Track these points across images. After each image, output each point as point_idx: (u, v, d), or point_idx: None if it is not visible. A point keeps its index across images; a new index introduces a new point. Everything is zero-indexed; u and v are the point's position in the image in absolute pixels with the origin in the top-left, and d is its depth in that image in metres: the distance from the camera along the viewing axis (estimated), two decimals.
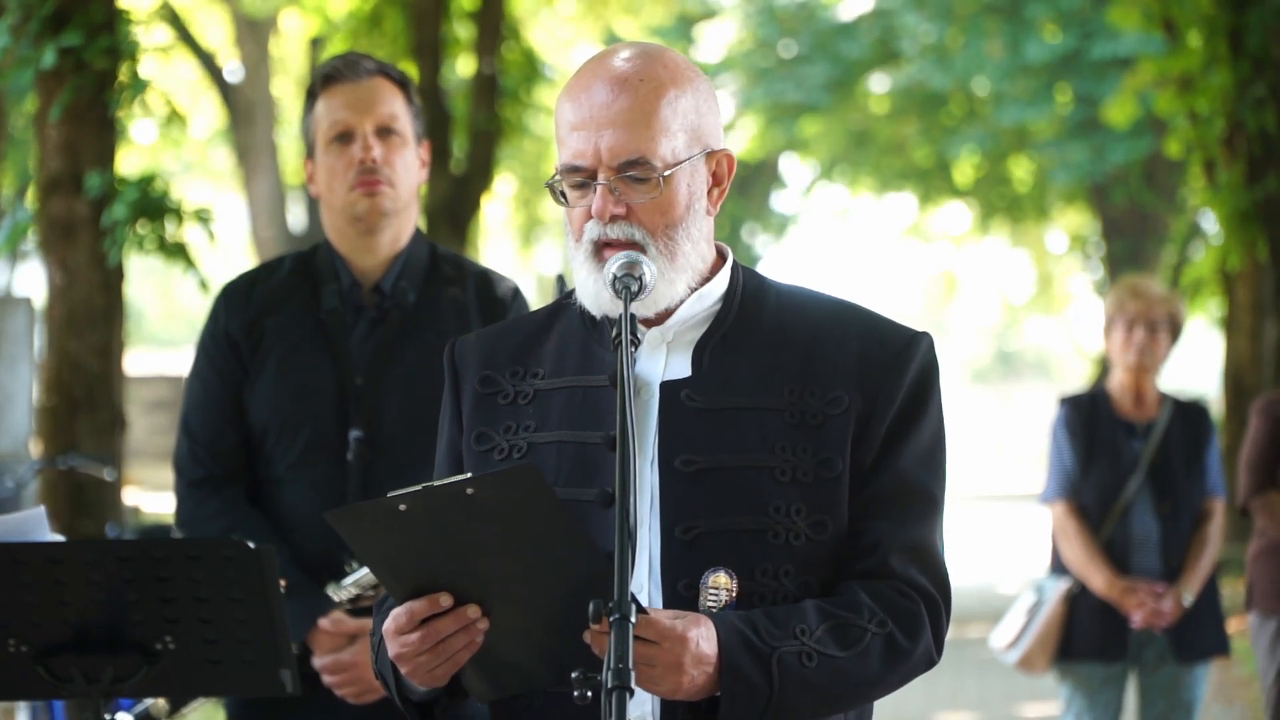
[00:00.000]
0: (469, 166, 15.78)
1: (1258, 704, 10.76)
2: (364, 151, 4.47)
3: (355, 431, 4.44)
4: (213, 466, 4.52)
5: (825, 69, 27.58)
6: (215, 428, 4.53)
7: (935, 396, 3.04)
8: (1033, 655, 6.86)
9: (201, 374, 4.58)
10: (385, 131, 4.50)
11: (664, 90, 2.97)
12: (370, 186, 4.48)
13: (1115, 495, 6.80)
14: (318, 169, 4.55)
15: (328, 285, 4.55)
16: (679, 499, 2.94)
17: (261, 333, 4.54)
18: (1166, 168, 25.51)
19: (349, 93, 4.50)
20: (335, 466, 4.44)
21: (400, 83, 4.55)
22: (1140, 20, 15.95)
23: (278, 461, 4.50)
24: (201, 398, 4.56)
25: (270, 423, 4.50)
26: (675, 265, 2.98)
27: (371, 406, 4.46)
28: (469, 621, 2.81)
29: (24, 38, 8.55)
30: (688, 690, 2.80)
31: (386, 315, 4.53)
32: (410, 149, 4.54)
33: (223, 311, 4.59)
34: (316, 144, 4.54)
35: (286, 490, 4.49)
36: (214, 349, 4.57)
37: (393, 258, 4.56)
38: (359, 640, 4.38)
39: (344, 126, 4.49)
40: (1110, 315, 6.90)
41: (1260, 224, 14.37)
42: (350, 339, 4.52)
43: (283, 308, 4.56)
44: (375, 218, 4.50)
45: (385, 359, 4.48)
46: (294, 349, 4.52)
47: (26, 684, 3.70)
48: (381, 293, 4.54)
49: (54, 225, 8.74)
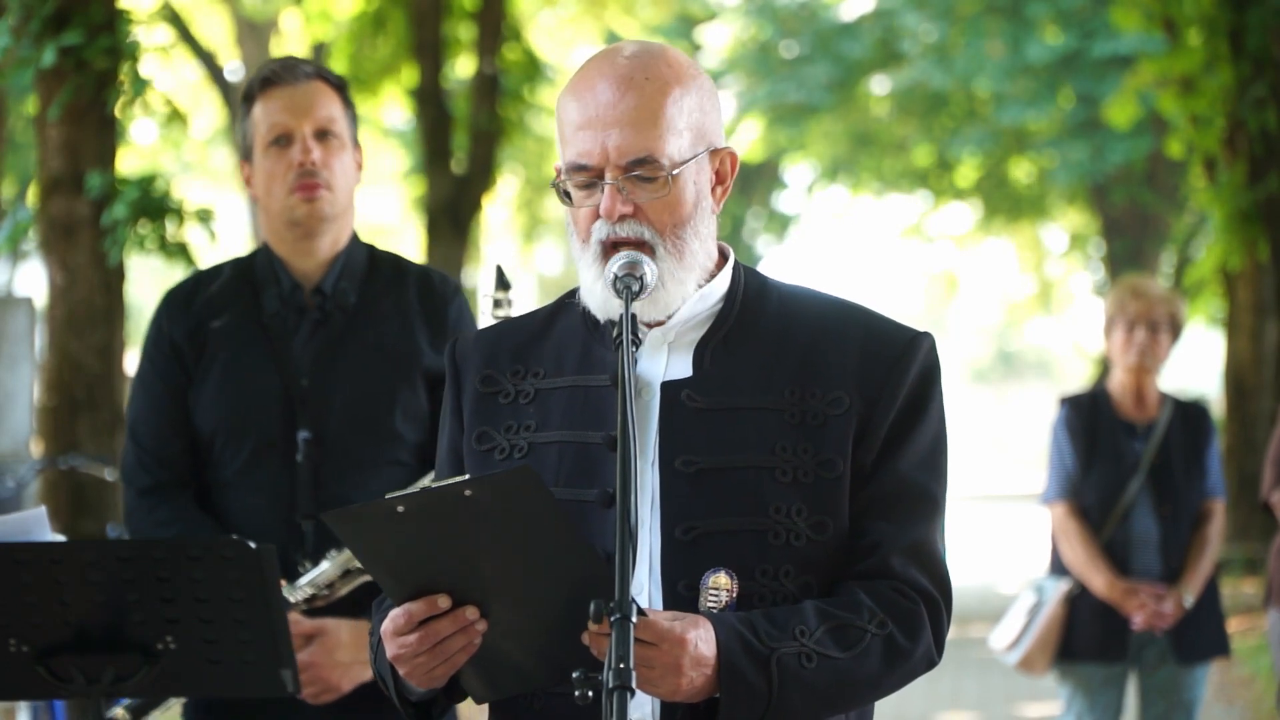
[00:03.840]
0: (470, 166, 15.79)
1: (1259, 704, 10.77)
2: (303, 154, 4.47)
3: (303, 432, 4.44)
4: (160, 474, 4.51)
5: (826, 69, 27.57)
6: (162, 435, 4.53)
7: (936, 397, 3.03)
8: (1033, 656, 6.86)
9: (146, 381, 4.57)
10: (323, 134, 4.49)
11: (669, 88, 2.96)
12: (309, 191, 4.48)
13: (1116, 496, 6.80)
14: (255, 172, 4.54)
15: (268, 289, 4.55)
16: (679, 499, 2.94)
17: (204, 338, 4.54)
18: (1167, 168, 25.50)
19: (287, 96, 4.50)
20: (284, 468, 4.45)
21: (337, 86, 4.56)
22: (1141, 20, 15.96)
23: (226, 465, 4.50)
24: (147, 405, 4.56)
25: (217, 427, 4.50)
26: (684, 264, 2.97)
27: (318, 407, 4.46)
28: (467, 623, 2.81)
29: (24, 37, 8.54)
30: (686, 692, 2.80)
31: (329, 317, 4.53)
32: (348, 152, 4.54)
33: (165, 318, 4.58)
34: (255, 147, 4.54)
35: (236, 493, 4.49)
36: (157, 356, 4.57)
37: (332, 259, 4.56)
38: (316, 640, 4.37)
39: (282, 129, 4.49)
40: (1111, 315, 6.90)
41: (1261, 224, 14.38)
42: (293, 341, 4.52)
43: (224, 312, 4.56)
44: (314, 222, 4.50)
45: (329, 360, 4.49)
46: (238, 353, 4.52)
47: (27, 684, 3.71)
48: (323, 294, 4.54)
49: (55, 225, 8.74)
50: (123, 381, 9.00)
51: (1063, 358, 51.82)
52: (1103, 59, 24.53)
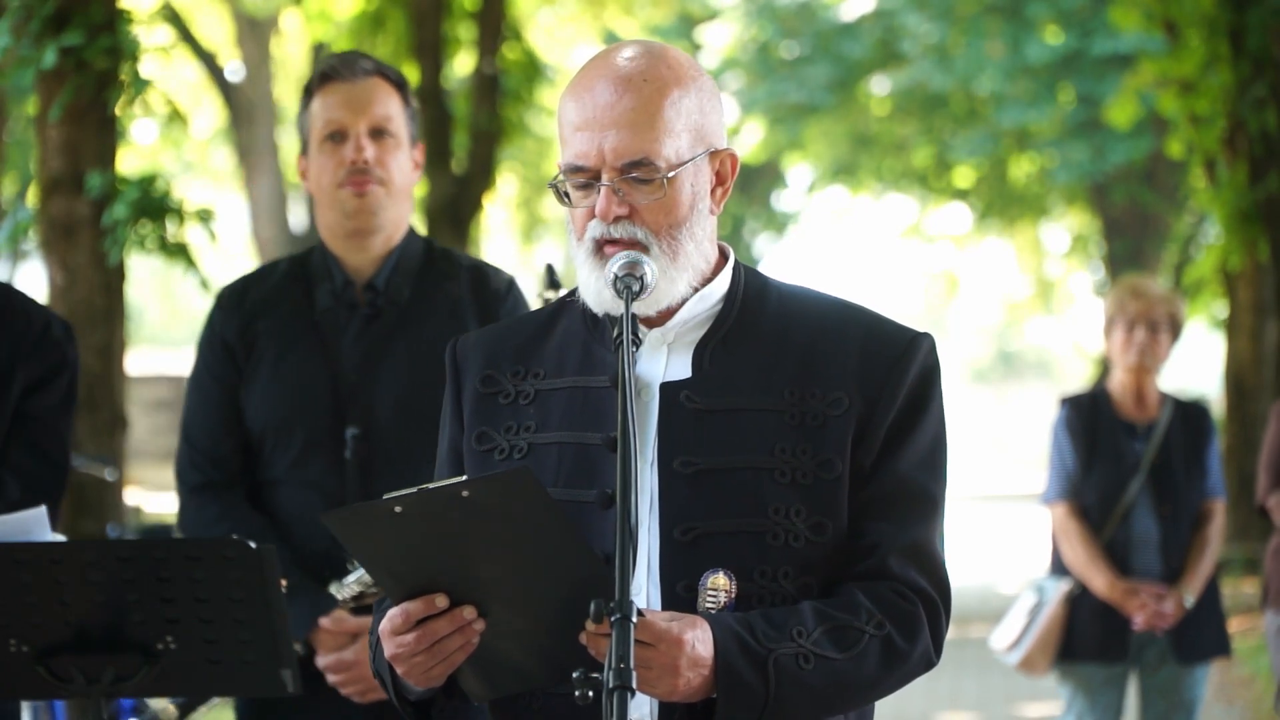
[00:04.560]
0: (470, 166, 15.78)
1: (1259, 704, 10.77)
2: (356, 152, 4.48)
3: (352, 429, 4.44)
4: (211, 472, 4.53)
5: (827, 70, 27.57)
6: (213, 434, 4.54)
7: (936, 398, 3.03)
8: (1034, 656, 6.86)
9: (199, 380, 4.59)
10: (379, 132, 4.50)
11: (668, 90, 2.96)
12: (360, 186, 4.48)
13: (1116, 496, 6.80)
14: (310, 166, 4.56)
15: (321, 285, 4.56)
16: (678, 500, 2.94)
17: (255, 336, 4.55)
18: (1167, 167, 25.50)
19: (345, 92, 4.50)
20: (333, 465, 4.45)
21: (397, 84, 4.55)
22: (1141, 20, 15.95)
23: (276, 463, 4.51)
24: (199, 404, 4.57)
25: (267, 425, 4.50)
26: (677, 265, 2.97)
27: (366, 404, 4.46)
28: (465, 622, 2.81)
29: (24, 37, 8.54)
30: (684, 692, 2.80)
31: (380, 313, 4.53)
32: (404, 150, 4.54)
33: (218, 317, 4.60)
34: (311, 141, 4.55)
35: (285, 490, 4.49)
36: (210, 355, 4.58)
37: (385, 255, 4.56)
38: (362, 638, 4.38)
39: (337, 125, 4.50)
40: (1111, 315, 6.90)
41: (1261, 224, 14.38)
42: (343, 338, 4.52)
43: (276, 310, 4.57)
44: (364, 217, 4.51)
45: (378, 356, 4.49)
46: (287, 350, 4.52)
47: (27, 684, 3.71)
48: (375, 290, 4.54)
49: (55, 225, 8.74)
50: (123, 381, 9.00)
51: (1063, 358, 51.82)
52: (1103, 59, 24.53)
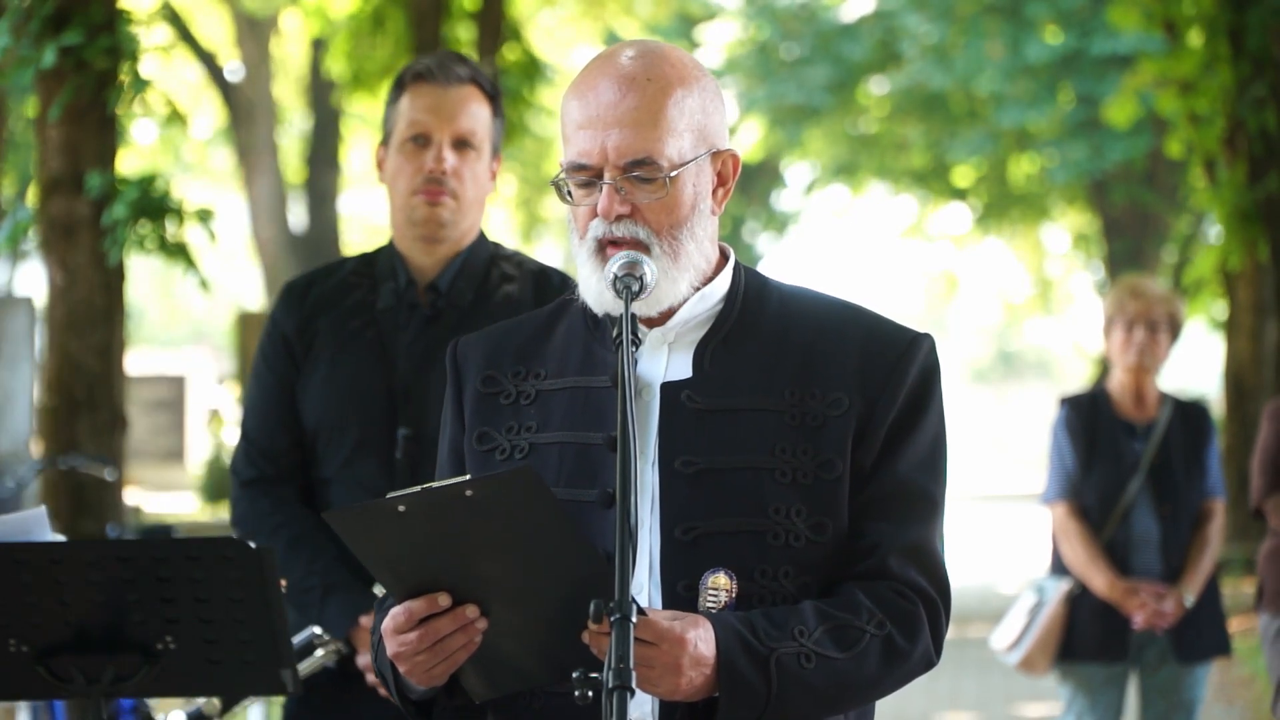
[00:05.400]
0: None
1: (1259, 704, 10.77)
2: (436, 162, 4.43)
3: (403, 430, 4.42)
4: (265, 467, 4.51)
5: (826, 70, 27.57)
6: (269, 429, 4.52)
7: (936, 398, 3.03)
8: (1034, 656, 6.86)
9: (259, 375, 4.57)
10: (462, 144, 4.45)
11: (671, 89, 2.96)
12: (434, 196, 4.44)
13: (1116, 496, 6.79)
14: (388, 161, 4.51)
15: (386, 284, 4.53)
16: (679, 500, 2.94)
17: (315, 332, 4.52)
18: (1167, 167, 25.50)
19: (435, 96, 4.44)
20: (383, 465, 4.42)
21: (490, 94, 4.49)
22: (1140, 20, 15.95)
23: (329, 461, 4.49)
24: (257, 398, 4.55)
25: (321, 422, 4.48)
26: (678, 264, 2.97)
27: (418, 404, 4.43)
28: (467, 621, 2.81)
29: (24, 37, 8.55)
30: (686, 691, 2.80)
31: (440, 314, 4.50)
32: (484, 162, 4.49)
33: (280, 311, 4.57)
34: (393, 137, 4.49)
35: (337, 489, 4.47)
36: (270, 350, 4.56)
37: (452, 257, 4.53)
38: None
39: (422, 129, 4.44)
40: (1110, 315, 6.90)
41: (1261, 224, 14.37)
42: (402, 337, 4.49)
43: (337, 307, 4.54)
44: (432, 226, 4.47)
45: (434, 357, 4.44)
46: (345, 348, 4.50)
47: (27, 684, 3.70)
48: (437, 291, 4.51)
49: (54, 225, 8.74)
50: (123, 381, 9.00)
51: (1063, 358, 51.83)
52: (1102, 59, 24.53)
